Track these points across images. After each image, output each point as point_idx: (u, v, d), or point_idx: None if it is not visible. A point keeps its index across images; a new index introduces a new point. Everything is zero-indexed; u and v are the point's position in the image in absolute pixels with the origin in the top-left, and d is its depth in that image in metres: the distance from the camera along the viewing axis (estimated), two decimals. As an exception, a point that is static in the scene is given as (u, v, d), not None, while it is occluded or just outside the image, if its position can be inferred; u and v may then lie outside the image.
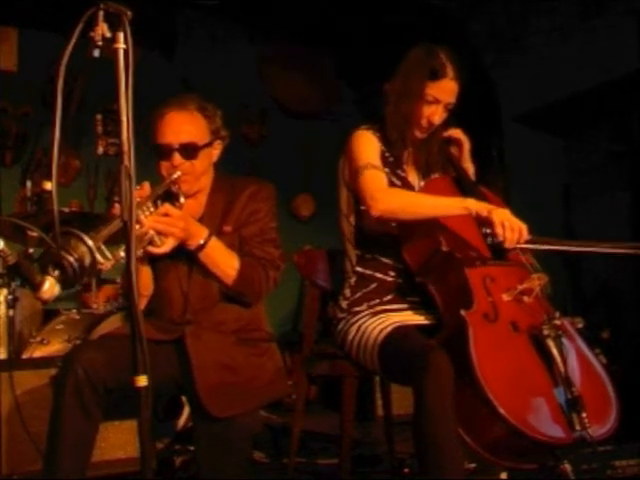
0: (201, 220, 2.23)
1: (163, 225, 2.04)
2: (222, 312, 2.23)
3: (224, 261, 2.17)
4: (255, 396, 2.14)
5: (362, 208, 2.30)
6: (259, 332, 2.29)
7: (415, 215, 2.22)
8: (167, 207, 2.07)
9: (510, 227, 2.12)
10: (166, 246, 2.07)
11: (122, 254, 1.67)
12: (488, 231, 2.17)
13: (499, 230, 2.12)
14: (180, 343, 2.17)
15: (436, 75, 2.27)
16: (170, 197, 2.15)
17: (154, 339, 2.13)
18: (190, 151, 2.17)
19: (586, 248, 2.31)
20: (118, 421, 2.80)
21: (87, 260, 1.55)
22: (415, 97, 2.30)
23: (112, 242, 1.75)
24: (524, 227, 2.15)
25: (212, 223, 2.23)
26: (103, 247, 1.65)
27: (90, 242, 1.56)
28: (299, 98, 5.85)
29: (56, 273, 1.53)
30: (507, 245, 2.14)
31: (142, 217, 1.97)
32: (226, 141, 2.32)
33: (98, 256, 1.60)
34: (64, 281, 1.53)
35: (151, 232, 2.02)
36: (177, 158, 2.16)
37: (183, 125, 2.19)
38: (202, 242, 2.12)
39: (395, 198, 2.24)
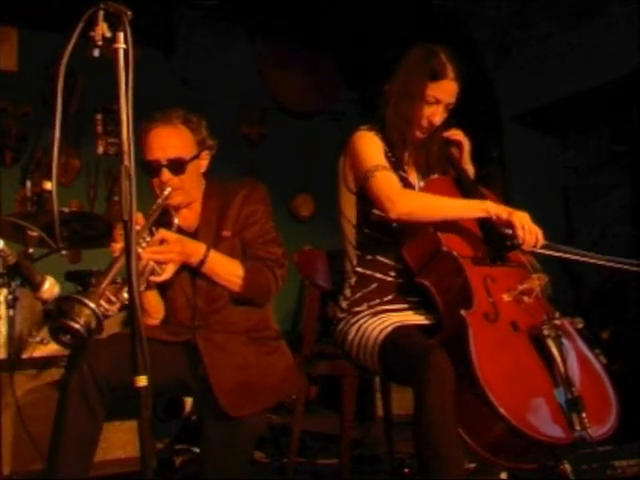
0: (198, 229, 2.26)
1: (161, 255, 2.08)
2: (232, 313, 2.24)
3: (226, 271, 2.19)
4: (268, 394, 2.16)
5: (375, 212, 2.29)
6: (268, 330, 2.31)
7: (434, 217, 2.21)
8: (162, 233, 2.10)
9: (529, 231, 2.14)
10: (167, 273, 2.11)
11: (126, 295, 1.72)
12: (510, 232, 2.16)
13: (520, 232, 2.13)
14: (189, 346, 2.18)
15: (437, 76, 2.26)
16: (163, 218, 2.17)
17: (162, 339, 2.14)
18: (178, 166, 2.19)
19: (600, 261, 2.31)
20: (118, 421, 2.81)
21: (93, 322, 1.61)
22: (416, 98, 2.29)
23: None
24: (540, 232, 2.17)
25: (209, 231, 2.25)
26: (107, 293, 1.70)
27: (92, 304, 1.64)
28: (299, 98, 5.85)
29: (67, 338, 1.60)
30: (525, 248, 2.16)
31: (140, 250, 2.00)
32: (214, 150, 2.33)
33: (104, 305, 1.67)
34: (75, 343, 1.60)
35: (151, 263, 2.05)
36: (166, 174, 2.18)
37: (169, 140, 2.20)
38: (201, 258, 2.16)
39: (413, 200, 2.23)
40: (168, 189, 2.16)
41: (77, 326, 1.60)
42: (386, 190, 2.22)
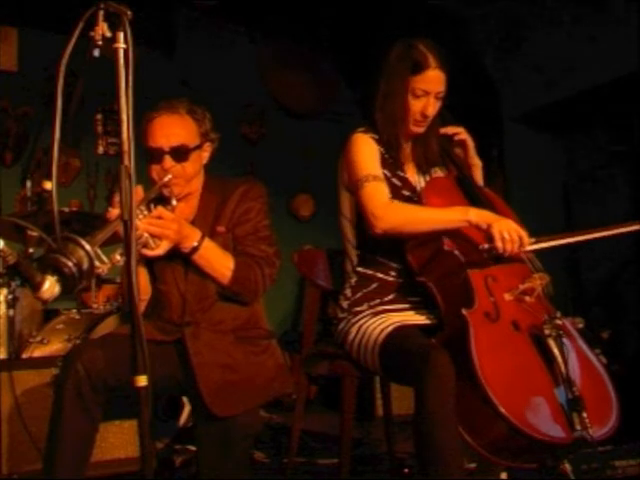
0: (193, 223, 2.24)
1: (157, 228, 2.06)
2: (220, 311, 2.23)
3: (218, 261, 2.19)
4: (256, 394, 2.14)
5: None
6: (257, 330, 2.29)
7: (417, 230, 2.21)
8: (160, 210, 2.09)
9: (510, 239, 2.11)
10: (160, 249, 2.09)
11: (119, 257, 1.68)
12: (486, 246, 2.13)
13: (499, 244, 2.10)
14: (180, 344, 2.18)
15: (419, 68, 2.26)
16: (162, 200, 2.16)
17: (154, 339, 2.14)
18: (181, 154, 2.18)
19: (587, 236, 2.27)
20: (118, 421, 2.81)
21: (85, 264, 1.55)
22: (400, 94, 2.29)
23: (110, 243, 1.76)
24: (524, 234, 2.13)
25: (204, 225, 2.24)
26: (99, 251, 1.66)
27: (88, 246, 1.56)
28: (299, 98, 5.85)
29: (55, 277, 1.53)
30: (507, 255, 2.13)
31: (136, 220, 1.98)
32: (216, 143, 2.33)
33: (96, 260, 1.60)
34: (63, 285, 1.53)
35: (145, 235, 2.04)
36: (168, 161, 2.17)
37: (173, 128, 2.20)
38: (195, 244, 2.14)
39: (396, 215, 2.22)
40: (168, 175, 2.15)
41: (69, 263, 1.50)
42: (371, 205, 2.22)
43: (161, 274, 2.26)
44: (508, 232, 2.11)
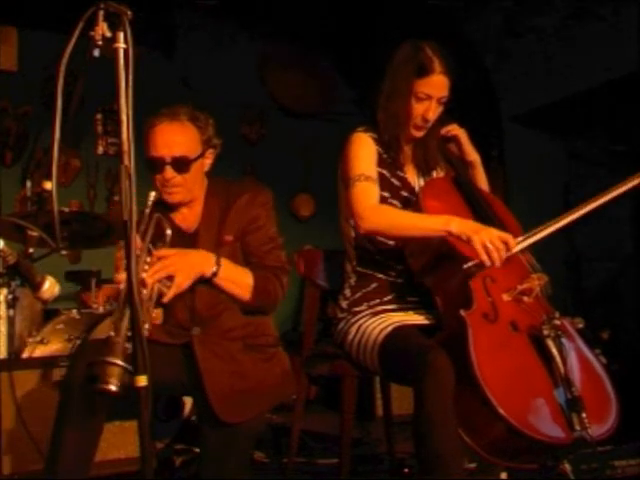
0: (198, 230, 2.23)
1: (162, 271, 2.05)
2: (230, 319, 2.21)
3: (239, 279, 2.17)
4: (263, 400, 2.14)
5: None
6: (266, 337, 2.27)
7: (398, 235, 2.23)
8: (159, 252, 2.08)
9: (494, 248, 2.05)
10: (174, 288, 2.07)
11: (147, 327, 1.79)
12: (470, 264, 2.10)
13: (484, 257, 2.05)
14: (187, 348, 2.17)
15: (424, 71, 2.25)
16: (158, 236, 2.13)
17: (160, 341, 2.14)
18: (182, 165, 2.16)
19: (581, 211, 2.25)
20: (118, 421, 2.80)
21: (126, 378, 1.66)
22: (403, 96, 2.28)
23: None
24: (508, 237, 2.08)
25: (210, 232, 2.22)
26: (127, 330, 1.72)
27: (121, 362, 1.67)
28: (299, 98, 5.85)
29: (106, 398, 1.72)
30: (496, 265, 2.07)
31: (144, 275, 1.98)
32: (218, 149, 2.30)
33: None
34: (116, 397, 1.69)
35: (157, 286, 2.03)
36: (169, 172, 2.15)
37: (175, 137, 2.17)
38: (214, 269, 2.13)
39: (381, 218, 2.21)
40: (152, 193, 2.10)
41: (114, 388, 1.68)
42: (358, 205, 2.22)
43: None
44: (490, 241, 2.06)
